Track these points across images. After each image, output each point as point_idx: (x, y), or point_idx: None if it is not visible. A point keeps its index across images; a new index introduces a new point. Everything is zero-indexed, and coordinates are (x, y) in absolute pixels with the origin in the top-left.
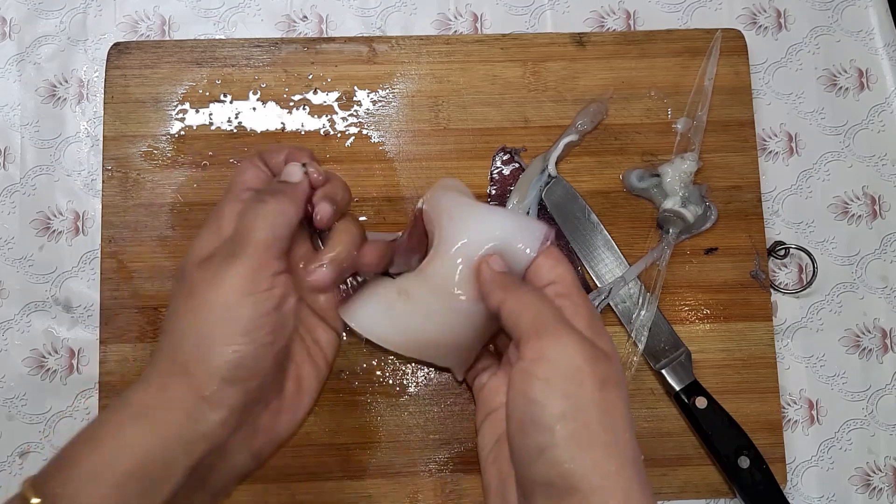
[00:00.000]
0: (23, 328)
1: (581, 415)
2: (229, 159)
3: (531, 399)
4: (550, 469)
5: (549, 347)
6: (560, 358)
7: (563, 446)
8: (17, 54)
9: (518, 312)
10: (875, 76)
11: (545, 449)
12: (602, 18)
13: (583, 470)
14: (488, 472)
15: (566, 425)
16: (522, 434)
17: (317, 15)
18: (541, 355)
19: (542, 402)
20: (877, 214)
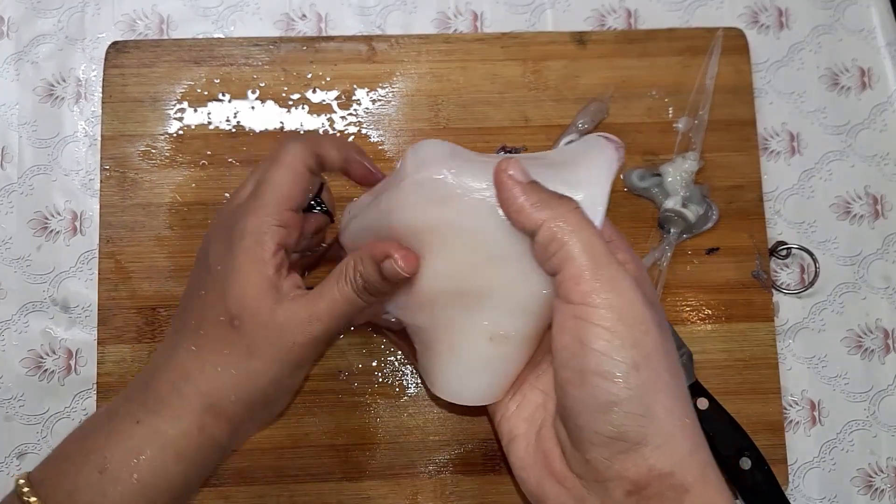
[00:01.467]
0: (20, 328)
1: (650, 363)
2: (228, 158)
3: (593, 349)
4: (622, 421)
5: (609, 291)
6: (623, 305)
7: (636, 398)
8: (15, 53)
9: (562, 243)
10: (877, 75)
11: (616, 401)
12: (603, 17)
13: (656, 420)
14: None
15: (639, 375)
16: (583, 386)
17: (316, 14)
18: (598, 300)
19: (609, 353)
20: (879, 214)
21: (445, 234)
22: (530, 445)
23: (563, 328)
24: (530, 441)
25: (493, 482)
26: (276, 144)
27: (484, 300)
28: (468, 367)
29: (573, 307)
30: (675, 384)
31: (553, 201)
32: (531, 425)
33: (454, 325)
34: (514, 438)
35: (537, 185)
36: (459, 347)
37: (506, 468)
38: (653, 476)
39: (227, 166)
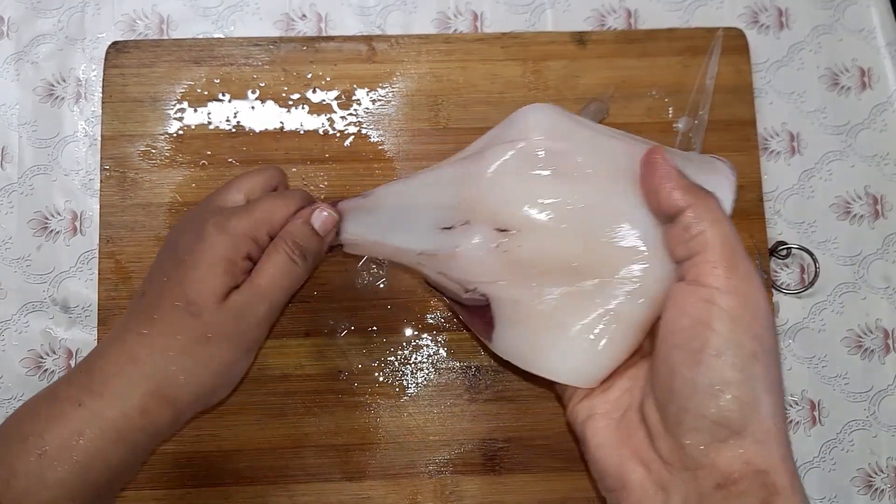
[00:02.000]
0: (20, 328)
1: (767, 357)
2: (228, 159)
3: (717, 331)
4: (730, 407)
5: (743, 282)
6: (753, 296)
7: (748, 386)
8: (15, 53)
9: (706, 227)
10: (877, 75)
11: (729, 385)
12: (603, 17)
13: (760, 414)
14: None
15: (755, 365)
16: (698, 366)
17: (316, 14)
18: (730, 287)
19: (732, 338)
20: (879, 214)
21: (561, 208)
22: (611, 424)
23: (683, 311)
24: (612, 420)
25: (493, 482)
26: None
27: (598, 279)
28: (574, 346)
29: (702, 290)
30: (780, 388)
31: (698, 191)
32: (614, 407)
33: (563, 302)
34: (594, 416)
35: (684, 174)
36: (566, 325)
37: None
38: (747, 471)
39: (227, 166)
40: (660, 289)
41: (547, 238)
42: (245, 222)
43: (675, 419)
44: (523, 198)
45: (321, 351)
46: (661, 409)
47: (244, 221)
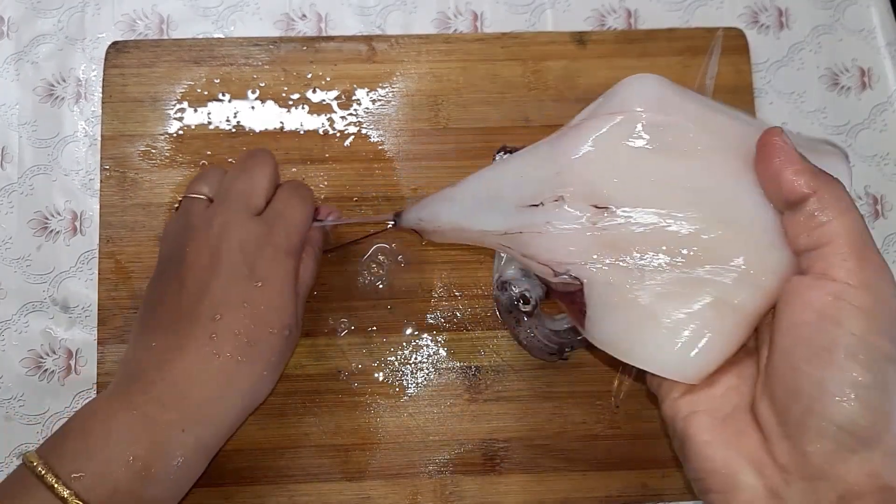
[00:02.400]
0: (20, 328)
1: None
2: (228, 159)
3: (848, 330)
4: (860, 412)
5: (876, 277)
6: (887, 293)
7: (882, 391)
8: (15, 53)
9: (834, 217)
10: (877, 75)
11: (861, 388)
12: (603, 17)
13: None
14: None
15: (892, 371)
16: (827, 366)
17: (316, 14)
18: (862, 282)
19: (866, 336)
20: (879, 214)
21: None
22: (718, 422)
23: (808, 305)
24: (718, 419)
25: (493, 482)
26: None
27: (707, 266)
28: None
29: (830, 284)
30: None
31: (824, 176)
32: (720, 404)
33: (666, 288)
34: (697, 413)
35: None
36: (670, 313)
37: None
38: (874, 485)
39: (228, 166)
40: (775, 280)
41: (651, 217)
42: (297, 238)
43: (798, 423)
44: (626, 172)
45: (321, 351)
46: (780, 410)
47: (297, 238)
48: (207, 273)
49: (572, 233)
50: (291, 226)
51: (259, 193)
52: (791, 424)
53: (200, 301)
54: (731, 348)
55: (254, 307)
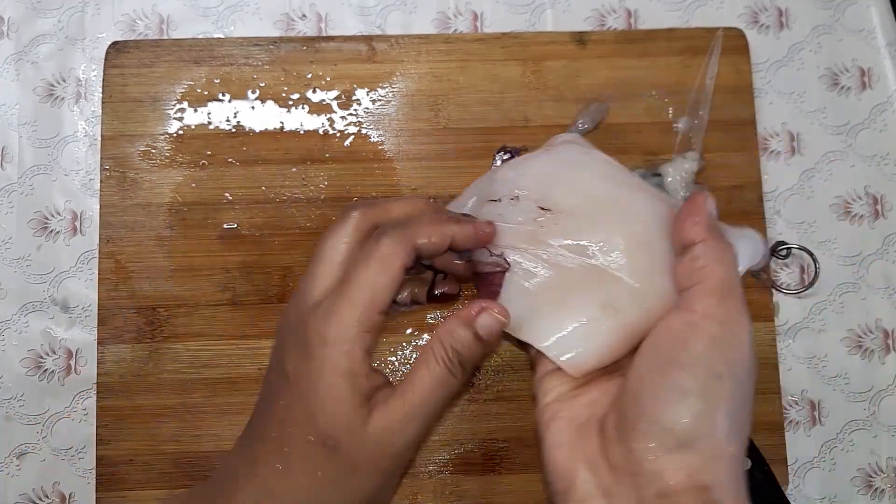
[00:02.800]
0: (20, 328)
1: (733, 384)
2: (228, 158)
3: (690, 349)
4: (683, 415)
5: (731, 316)
6: (736, 330)
7: (706, 402)
8: (15, 53)
9: (711, 262)
10: (877, 75)
11: (688, 395)
12: (603, 17)
13: (713, 432)
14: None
15: (718, 385)
16: (663, 374)
17: (316, 14)
18: (717, 316)
19: (703, 357)
20: (879, 214)
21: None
22: (571, 427)
23: (667, 329)
24: (573, 424)
25: (493, 482)
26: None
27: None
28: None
29: (689, 315)
30: (744, 421)
31: (721, 236)
32: (578, 413)
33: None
34: (557, 418)
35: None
36: (572, 304)
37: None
38: (690, 484)
39: (227, 166)
40: (661, 307)
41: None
42: (347, 321)
43: (631, 424)
44: (573, 184)
45: None
46: (620, 415)
47: (346, 320)
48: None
49: (519, 224)
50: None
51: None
52: (625, 426)
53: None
54: (613, 352)
55: (289, 408)
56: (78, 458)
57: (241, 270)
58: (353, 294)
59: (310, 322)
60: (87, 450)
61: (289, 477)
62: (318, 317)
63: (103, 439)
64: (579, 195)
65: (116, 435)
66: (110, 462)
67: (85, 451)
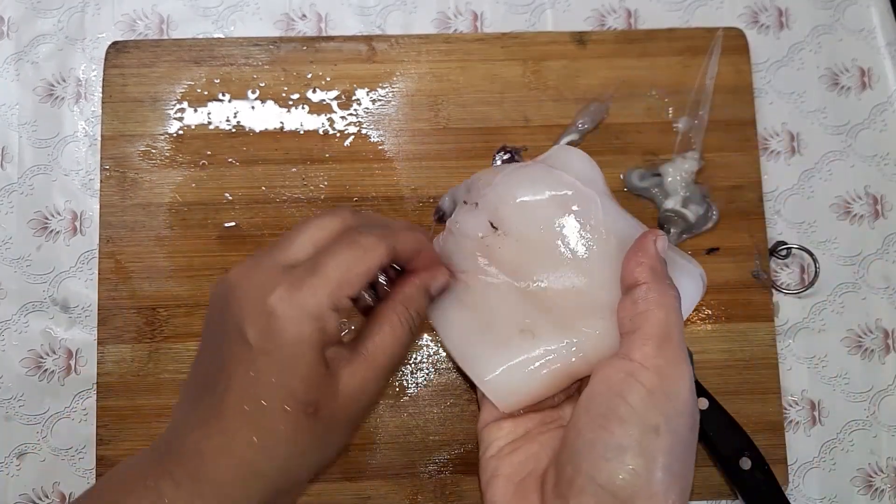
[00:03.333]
0: (20, 328)
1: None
2: (228, 158)
3: (627, 402)
4: (620, 473)
5: (668, 364)
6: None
7: (643, 458)
8: (15, 53)
9: (652, 307)
10: (877, 75)
11: (624, 452)
12: (603, 17)
13: (651, 490)
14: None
15: (655, 440)
16: (600, 430)
17: (316, 14)
18: (653, 365)
19: (640, 410)
20: (879, 214)
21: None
22: (511, 486)
23: (605, 378)
24: (512, 482)
25: None
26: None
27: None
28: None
29: (628, 363)
30: (684, 474)
31: (665, 277)
32: (517, 470)
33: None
34: (497, 477)
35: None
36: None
37: None
38: None
39: (227, 166)
40: (597, 351)
41: (527, 254)
42: (321, 294)
43: (568, 480)
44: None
45: None
46: (559, 472)
47: (319, 293)
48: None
49: (467, 236)
50: (315, 278)
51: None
52: (563, 483)
53: (205, 362)
54: (544, 391)
55: (260, 377)
56: (78, 458)
57: None
58: (330, 271)
59: (280, 285)
60: (87, 450)
61: (267, 448)
62: (290, 283)
63: (103, 439)
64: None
65: (116, 435)
66: (110, 462)
67: (85, 451)
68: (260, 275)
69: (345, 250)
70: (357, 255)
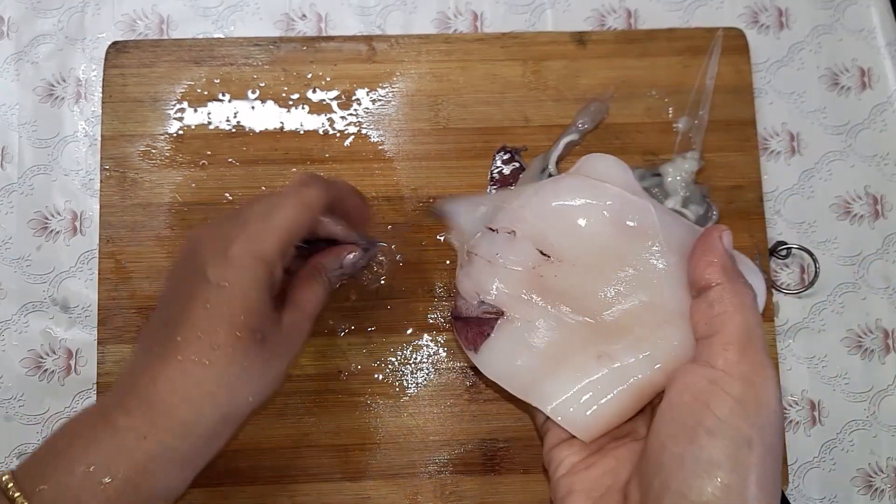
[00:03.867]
0: (20, 328)
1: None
2: (228, 158)
3: (715, 413)
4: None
5: (753, 370)
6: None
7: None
8: (15, 53)
9: (729, 309)
10: (877, 75)
11: (717, 467)
12: (603, 17)
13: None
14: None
15: (748, 453)
16: (690, 443)
17: (316, 14)
18: (739, 372)
19: (730, 421)
20: (879, 214)
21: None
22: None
23: (687, 387)
24: (591, 497)
25: (493, 482)
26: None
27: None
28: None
29: (710, 371)
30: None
31: (736, 275)
32: (595, 486)
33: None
34: (573, 493)
35: (733, 260)
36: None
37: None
38: None
39: (228, 166)
40: (675, 360)
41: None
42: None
43: (657, 497)
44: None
45: (321, 351)
46: (644, 487)
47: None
48: (173, 274)
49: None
50: (267, 228)
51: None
52: (651, 499)
53: (167, 305)
54: (624, 413)
55: (216, 309)
56: None
57: None
58: (278, 224)
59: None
60: None
61: (217, 370)
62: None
63: None
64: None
65: None
66: None
67: None
68: (223, 229)
69: (290, 205)
70: (301, 209)
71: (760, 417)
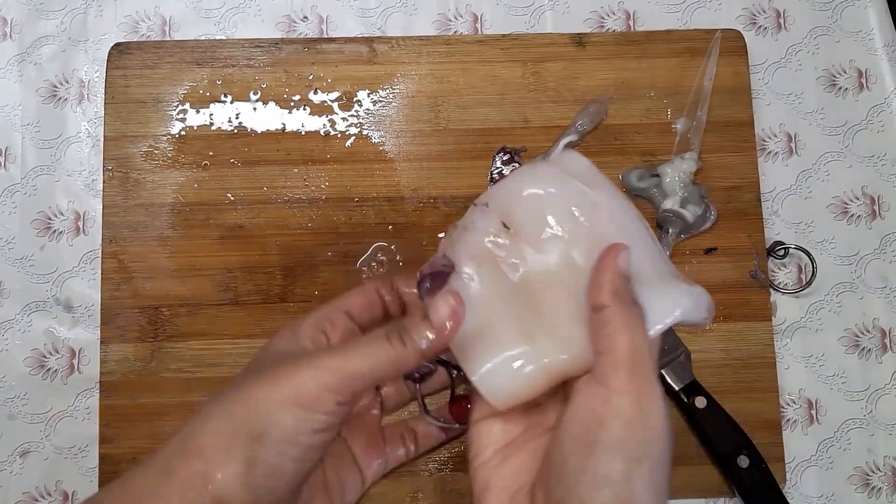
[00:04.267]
0: (24, 328)
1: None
2: (229, 159)
3: (608, 430)
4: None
5: (643, 391)
6: (647, 403)
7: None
8: (18, 55)
9: (617, 330)
10: (874, 76)
11: (611, 482)
12: (602, 19)
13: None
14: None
15: (639, 470)
16: (588, 458)
17: (317, 15)
18: (628, 391)
19: (621, 439)
20: (876, 214)
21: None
22: (505, 499)
23: (585, 405)
24: (506, 494)
25: None
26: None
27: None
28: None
29: (604, 390)
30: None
31: (626, 297)
32: (510, 483)
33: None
34: (489, 489)
35: (626, 282)
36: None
37: None
38: None
39: (229, 167)
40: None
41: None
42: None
43: (559, 501)
44: (531, 207)
45: None
46: (548, 493)
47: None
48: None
49: (478, 234)
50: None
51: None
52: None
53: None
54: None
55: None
56: (81, 456)
57: (242, 270)
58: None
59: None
60: (89, 448)
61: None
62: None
63: (106, 438)
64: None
65: (119, 433)
66: (113, 460)
67: (88, 449)
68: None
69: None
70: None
71: (647, 435)
